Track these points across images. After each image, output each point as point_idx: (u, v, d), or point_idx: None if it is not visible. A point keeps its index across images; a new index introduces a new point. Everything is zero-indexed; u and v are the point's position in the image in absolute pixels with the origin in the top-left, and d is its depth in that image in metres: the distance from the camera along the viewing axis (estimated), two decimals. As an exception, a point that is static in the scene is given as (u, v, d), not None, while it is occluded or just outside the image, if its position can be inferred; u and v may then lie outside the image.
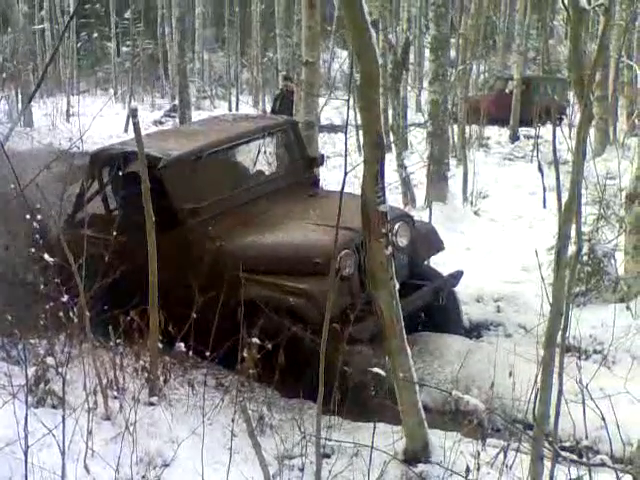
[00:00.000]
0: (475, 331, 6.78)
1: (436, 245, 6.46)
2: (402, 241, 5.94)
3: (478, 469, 3.91)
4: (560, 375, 3.59)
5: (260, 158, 6.93)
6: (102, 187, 6.62)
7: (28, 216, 5.19)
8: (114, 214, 6.45)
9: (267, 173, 6.92)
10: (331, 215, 5.10)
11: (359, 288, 5.58)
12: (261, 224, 5.98)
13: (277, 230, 5.90)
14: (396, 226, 5.81)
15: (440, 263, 7.24)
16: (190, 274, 5.36)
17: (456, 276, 6.45)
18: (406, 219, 6.11)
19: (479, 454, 4.07)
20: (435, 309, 6.17)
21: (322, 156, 7.32)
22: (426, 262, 6.61)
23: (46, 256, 4.71)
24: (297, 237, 5.79)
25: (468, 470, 3.79)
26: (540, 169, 11.00)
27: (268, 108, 19.23)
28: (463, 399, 4.14)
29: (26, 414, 3.45)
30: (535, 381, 3.87)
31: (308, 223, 5.89)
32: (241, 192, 6.37)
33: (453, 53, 14.01)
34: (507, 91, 19.04)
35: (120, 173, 6.12)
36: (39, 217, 5.27)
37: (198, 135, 6.97)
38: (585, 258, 7.01)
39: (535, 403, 3.52)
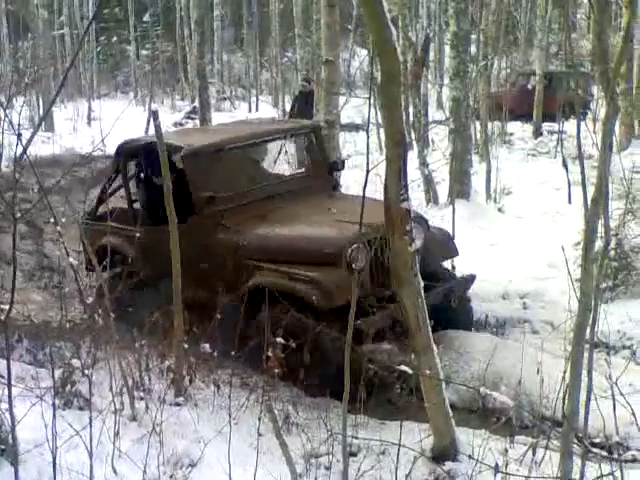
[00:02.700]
0: (501, 328, 6.73)
1: (450, 250, 6.49)
2: (416, 243, 5.90)
3: (507, 466, 3.87)
4: (589, 371, 3.56)
5: (281, 158, 7.15)
6: (126, 179, 6.93)
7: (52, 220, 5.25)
8: (136, 206, 6.81)
9: (287, 173, 7.11)
10: (346, 213, 5.70)
11: (370, 283, 5.64)
12: (275, 218, 6.13)
13: (291, 224, 6.03)
14: None
15: (463, 261, 7.21)
16: (204, 260, 5.61)
17: (469, 279, 6.48)
18: (420, 222, 6.11)
19: (507, 451, 4.05)
20: (446, 311, 6.11)
21: (343, 161, 7.38)
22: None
23: (70, 259, 4.74)
24: (310, 230, 5.91)
25: (497, 467, 3.76)
26: (565, 164, 10.88)
27: (288, 108, 19.24)
28: (491, 396, 4.11)
29: (54, 416, 3.47)
30: (563, 377, 3.83)
31: (322, 218, 6.02)
32: (259, 188, 6.51)
33: (474, 49, 13.88)
34: (529, 86, 18.90)
35: (143, 164, 6.50)
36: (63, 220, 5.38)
37: (221, 132, 7.17)
38: (612, 253, 6.93)
39: (564, 399, 3.48)
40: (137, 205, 6.86)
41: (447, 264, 6.64)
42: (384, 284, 5.68)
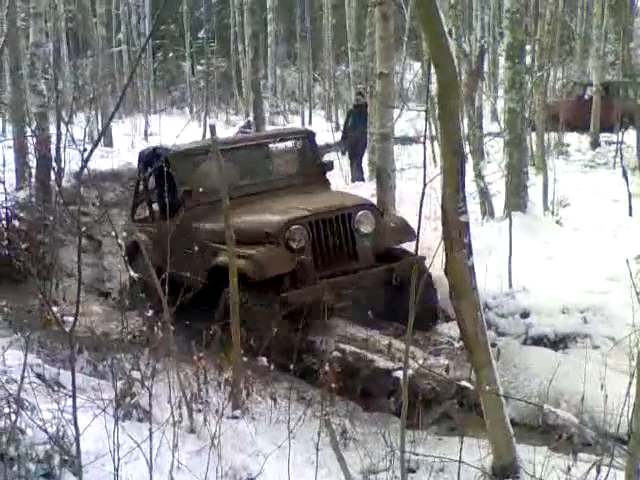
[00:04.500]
0: (561, 343, 6.59)
1: (405, 233, 6.86)
2: (366, 228, 6.61)
3: (570, 485, 3.78)
4: (656, 387, 3.45)
5: (271, 160, 7.99)
6: (145, 183, 7.82)
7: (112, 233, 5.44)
8: (153, 206, 7.80)
9: (277, 172, 7.91)
10: (310, 203, 6.60)
11: (311, 263, 6.31)
12: (243, 210, 6.63)
13: (252, 213, 6.67)
14: (359, 214, 6.58)
15: (520, 274, 7.13)
16: (186, 246, 6.07)
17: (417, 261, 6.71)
18: (370, 208, 6.76)
19: (570, 469, 3.94)
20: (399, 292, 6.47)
21: (331, 162, 8.15)
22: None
23: (131, 272, 4.82)
24: (262, 216, 6.62)
25: (560, 486, 3.68)
26: (625, 175, 10.66)
27: (341, 121, 19.24)
28: (555, 413, 4.02)
29: (115, 428, 3.50)
30: (628, 393, 3.72)
31: (280, 207, 6.73)
32: (242, 186, 7.19)
33: (529, 60, 13.73)
34: (586, 97, 18.59)
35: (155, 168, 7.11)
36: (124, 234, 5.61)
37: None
38: (675, 266, 6.75)
39: (630, 416, 3.38)
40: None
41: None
42: (328, 264, 6.43)
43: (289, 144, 7.99)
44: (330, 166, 8.00)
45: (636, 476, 3.31)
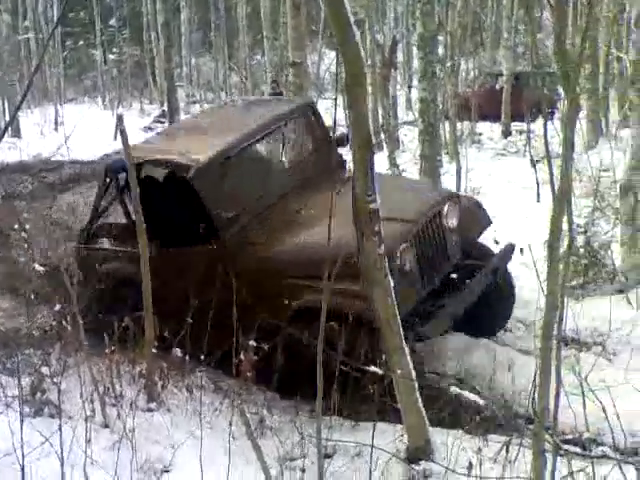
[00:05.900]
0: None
1: (484, 221, 6.16)
2: (452, 222, 5.64)
3: (481, 465, 3.87)
4: (558, 367, 3.56)
5: (286, 146, 6.45)
6: (120, 196, 6.29)
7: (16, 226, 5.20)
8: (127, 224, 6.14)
9: (294, 161, 6.42)
10: (402, 206, 5.24)
11: (421, 283, 5.27)
12: (303, 223, 5.48)
13: (322, 226, 4.98)
14: (445, 208, 5.58)
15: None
16: (236, 285, 4.89)
17: (509, 251, 6.09)
18: (454, 199, 5.79)
19: (481, 450, 4.04)
20: (490, 290, 5.80)
21: (346, 135, 6.41)
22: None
23: (36, 266, 4.68)
24: (346, 234, 4.70)
25: (471, 466, 3.76)
26: (533, 163, 10.97)
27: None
28: (462, 395, 4.11)
29: (21, 424, 3.41)
30: (535, 375, 3.84)
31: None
32: (274, 188, 5.89)
33: (441, 50, 13.95)
34: (498, 87, 19.01)
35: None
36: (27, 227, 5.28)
37: (217, 131, 6.31)
38: (582, 250, 6.99)
39: (534, 397, 3.49)
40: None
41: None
42: (430, 277, 5.36)
43: (297, 121, 6.41)
44: (344, 140, 5.99)
45: (541, 455, 3.41)
